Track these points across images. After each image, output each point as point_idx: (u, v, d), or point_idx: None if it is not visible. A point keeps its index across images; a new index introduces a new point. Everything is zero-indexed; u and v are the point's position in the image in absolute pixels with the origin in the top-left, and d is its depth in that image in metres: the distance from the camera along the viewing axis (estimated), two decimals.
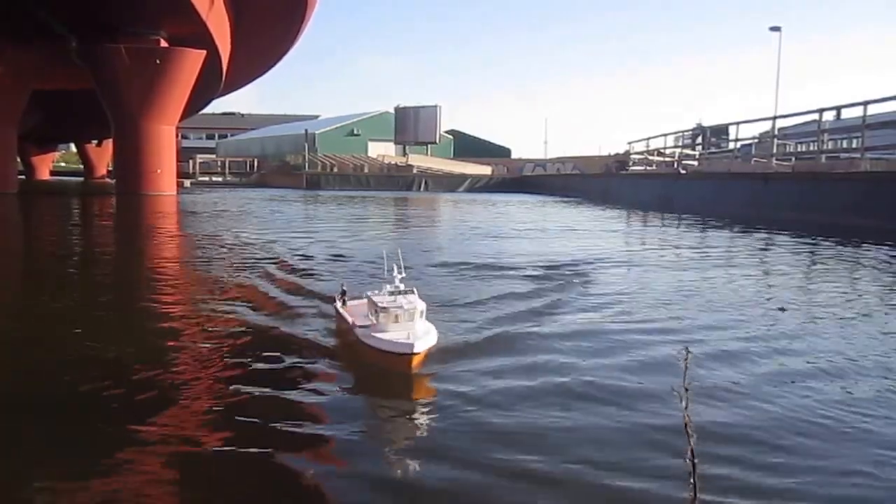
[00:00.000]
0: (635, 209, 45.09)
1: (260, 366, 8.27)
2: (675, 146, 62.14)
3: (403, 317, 8.03)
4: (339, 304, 9.64)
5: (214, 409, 7.01)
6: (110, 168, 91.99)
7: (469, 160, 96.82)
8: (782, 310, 12.09)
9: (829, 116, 42.50)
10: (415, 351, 7.53)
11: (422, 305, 8.09)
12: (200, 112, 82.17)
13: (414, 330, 7.95)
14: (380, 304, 7.91)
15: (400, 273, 8.25)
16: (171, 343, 9.38)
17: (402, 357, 7.57)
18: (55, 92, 61.93)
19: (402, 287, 8.21)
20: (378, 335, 7.77)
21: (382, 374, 7.84)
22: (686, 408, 6.16)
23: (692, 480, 5.38)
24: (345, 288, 9.57)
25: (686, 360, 6.22)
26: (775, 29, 55.38)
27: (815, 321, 11.20)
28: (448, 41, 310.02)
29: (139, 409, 6.77)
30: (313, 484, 5.51)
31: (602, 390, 7.48)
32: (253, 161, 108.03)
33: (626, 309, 12.00)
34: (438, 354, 8.15)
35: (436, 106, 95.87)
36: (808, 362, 8.63)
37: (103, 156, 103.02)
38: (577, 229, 31.13)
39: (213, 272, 16.74)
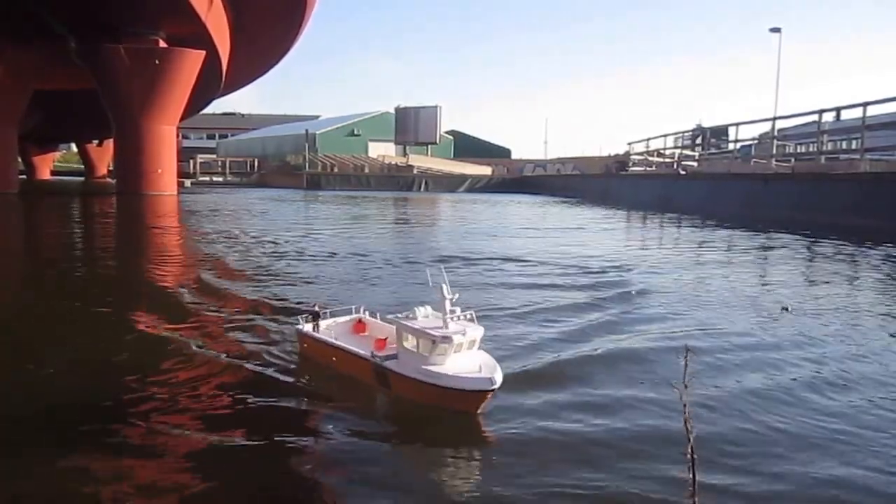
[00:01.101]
0: (635, 209, 45.12)
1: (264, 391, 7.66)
2: (675, 147, 62.20)
3: (464, 346, 6.85)
4: (305, 326, 8.34)
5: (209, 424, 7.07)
6: (111, 168, 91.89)
7: (469, 160, 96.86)
8: (786, 309, 12.31)
9: (828, 117, 42.57)
10: (494, 386, 6.55)
11: (481, 332, 7.04)
12: (201, 112, 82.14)
13: (483, 361, 6.91)
14: (440, 334, 6.70)
15: (450, 294, 7.02)
16: (170, 354, 9.14)
17: (477, 395, 6.59)
18: (55, 92, 61.88)
19: (458, 311, 7.02)
20: (436, 369, 6.68)
21: (419, 413, 6.83)
22: (685, 406, 6.17)
23: (691, 476, 5.39)
24: (318, 308, 8.51)
25: (686, 358, 6.27)
26: (775, 30, 55.27)
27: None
28: (449, 42, 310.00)
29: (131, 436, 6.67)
30: None
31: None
32: (253, 161, 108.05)
33: (651, 308, 12.13)
34: None
35: (436, 106, 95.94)
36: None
37: (104, 156, 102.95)
38: (583, 228, 31.39)
39: (230, 273, 16.72)
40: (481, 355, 7.04)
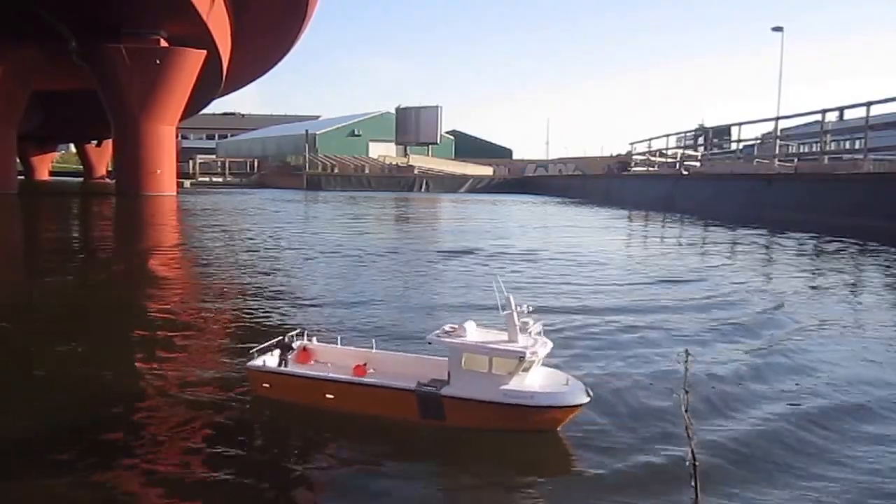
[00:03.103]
0: (638, 210, 44.88)
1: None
2: (678, 147, 61.98)
3: (541, 361, 6.50)
4: (267, 362, 7.15)
5: None
6: (110, 168, 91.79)
7: (470, 161, 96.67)
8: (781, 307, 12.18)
9: (831, 117, 42.32)
10: (590, 398, 6.37)
11: (550, 346, 6.63)
12: (201, 112, 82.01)
13: (557, 373, 6.63)
14: (527, 350, 6.24)
15: (520, 306, 6.47)
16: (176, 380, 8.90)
17: (571, 410, 6.32)
18: (55, 92, 61.76)
19: (531, 323, 6.54)
20: (525, 388, 6.26)
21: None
22: (686, 410, 5.96)
23: (693, 483, 5.19)
24: (288, 339, 7.35)
25: (686, 362, 6.09)
26: (777, 29, 55.02)
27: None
28: (449, 41, 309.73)
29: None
30: None
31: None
32: (253, 162, 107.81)
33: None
34: None
35: (437, 106, 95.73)
36: None
37: (103, 156, 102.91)
38: (589, 227, 31.32)
39: (227, 274, 16.54)
40: (545, 369, 6.65)
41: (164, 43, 55.03)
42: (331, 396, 6.76)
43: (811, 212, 30.98)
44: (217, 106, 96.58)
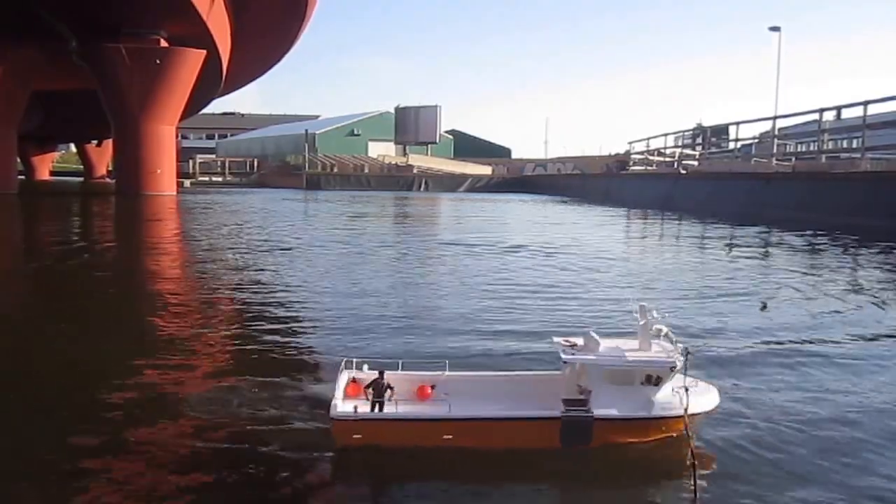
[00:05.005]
0: (637, 209, 44.97)
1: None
2: (676, 146, 62.10)
3: None
4: (352, 406, 6.03)
5: None
6: (110, 168, 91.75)
7: (469, 160, 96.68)
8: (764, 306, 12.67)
9: (829, 116, 42.44)
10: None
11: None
12: (200, 112, 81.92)
13: (689, 378, 6.42)
14: (676, 360, 6.10)
15: (649, 312, 6.35)
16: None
17: (710, 412, 6.32)
18: (55, 92, 61.75)
19: (663, 328, 6.40)
20: (677, 398, 6.06)
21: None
22: (686, 409, 6.09)
23: (693, 482, 5.33)
24: (383, 379, 6.35)
25: (685, 361, 6.20)
26: (775, 29, 55.14)
27: None
28: (449, 41, 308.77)
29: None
30: None
31: None
32: (253, 161, 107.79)
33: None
34: None
35: (436, 106, 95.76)
36: None
37: (103, 156, 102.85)
38: (600, 225, 31.36)
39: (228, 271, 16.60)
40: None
41: (164, 43, 55.08)
42: (449, 437, 5.99)
43: (811, 211, 31.07)
44: (217, 106, 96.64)
